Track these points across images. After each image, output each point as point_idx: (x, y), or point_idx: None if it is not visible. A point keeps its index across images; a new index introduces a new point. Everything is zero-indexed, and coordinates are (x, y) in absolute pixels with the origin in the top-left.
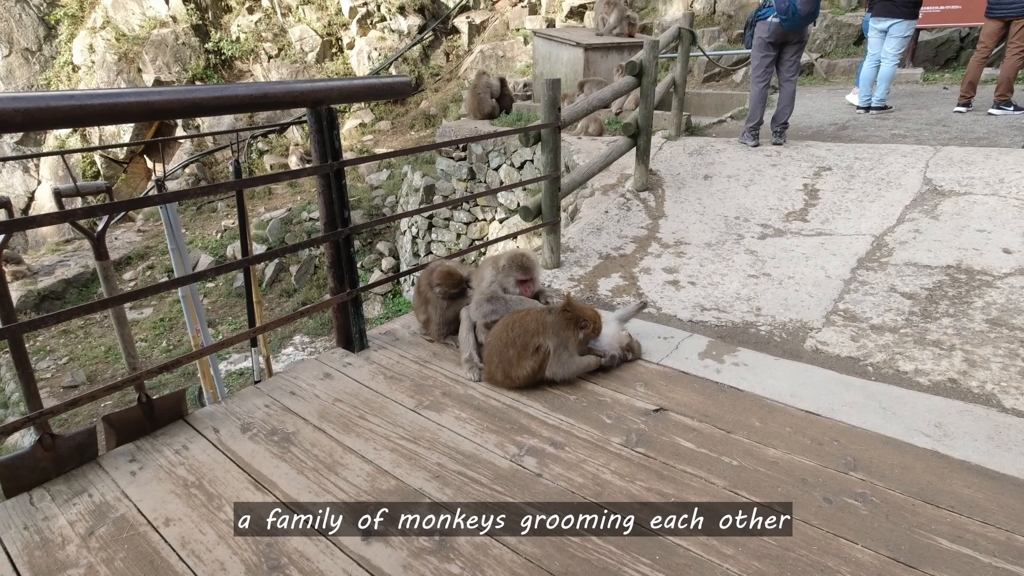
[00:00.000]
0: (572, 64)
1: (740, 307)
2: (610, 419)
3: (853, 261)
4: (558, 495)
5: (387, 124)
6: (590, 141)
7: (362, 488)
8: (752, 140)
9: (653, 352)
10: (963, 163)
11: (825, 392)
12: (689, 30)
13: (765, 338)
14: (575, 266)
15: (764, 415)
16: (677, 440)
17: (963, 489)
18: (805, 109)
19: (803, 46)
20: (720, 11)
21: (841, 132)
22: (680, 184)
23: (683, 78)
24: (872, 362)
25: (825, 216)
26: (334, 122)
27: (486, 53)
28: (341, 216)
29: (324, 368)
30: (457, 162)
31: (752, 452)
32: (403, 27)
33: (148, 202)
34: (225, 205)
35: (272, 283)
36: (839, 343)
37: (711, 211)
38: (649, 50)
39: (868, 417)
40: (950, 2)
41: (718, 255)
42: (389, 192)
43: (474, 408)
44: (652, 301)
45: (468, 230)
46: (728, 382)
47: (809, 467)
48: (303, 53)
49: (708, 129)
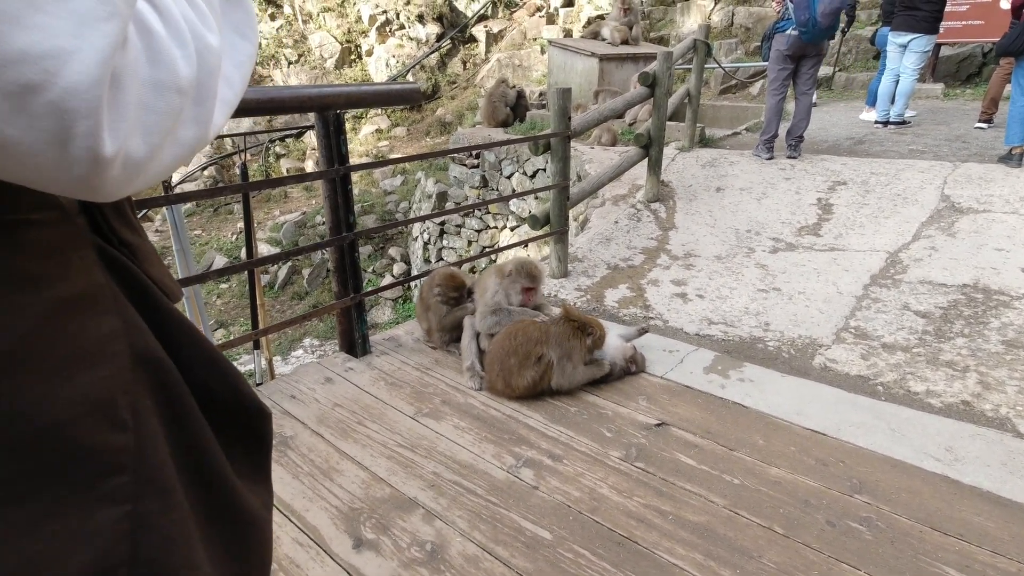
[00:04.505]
0: (587, 74)
1: (748, 322)
2: (610, 432)
3: (866, 277)
4: (553, 509)
5: (403, 130)
6: (603, 151)
7: (356, 495)
8: (766, 153)
9: (657, 365)
10: (982, 180)
11: (832, 411)
12: (704, 42)
13: (773, 354)
14: (582, 276)
15: (768, 433)
16: (678, 456)
17: (973, 516)
18: (821, 123)
19: (821, 59)
20: (738, 23)
21: (857, 147)
22: (692, 196)
23: (697, 89)
24: (882, 381)
25: (838, 231)
26: (341, 128)
27: (503, 62)
28: (346, 221)
29: (325, 372)
30: (470, 169)
31: (754, 471)
32: (421, 35)
33: (153, 203)
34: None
35: (284, 285)
36: (849, 361)
37: (722, 224)
38: (662, 61)
39: (876, 438)
40: (972, 17)
41: (728, 268)
42: (403, 198)
43: (473, 417)
44: (659, 314)
45: (479, 237)
46: (733, 398)
47: (812, 488)
48: (322, 59)
49: (722, 141)
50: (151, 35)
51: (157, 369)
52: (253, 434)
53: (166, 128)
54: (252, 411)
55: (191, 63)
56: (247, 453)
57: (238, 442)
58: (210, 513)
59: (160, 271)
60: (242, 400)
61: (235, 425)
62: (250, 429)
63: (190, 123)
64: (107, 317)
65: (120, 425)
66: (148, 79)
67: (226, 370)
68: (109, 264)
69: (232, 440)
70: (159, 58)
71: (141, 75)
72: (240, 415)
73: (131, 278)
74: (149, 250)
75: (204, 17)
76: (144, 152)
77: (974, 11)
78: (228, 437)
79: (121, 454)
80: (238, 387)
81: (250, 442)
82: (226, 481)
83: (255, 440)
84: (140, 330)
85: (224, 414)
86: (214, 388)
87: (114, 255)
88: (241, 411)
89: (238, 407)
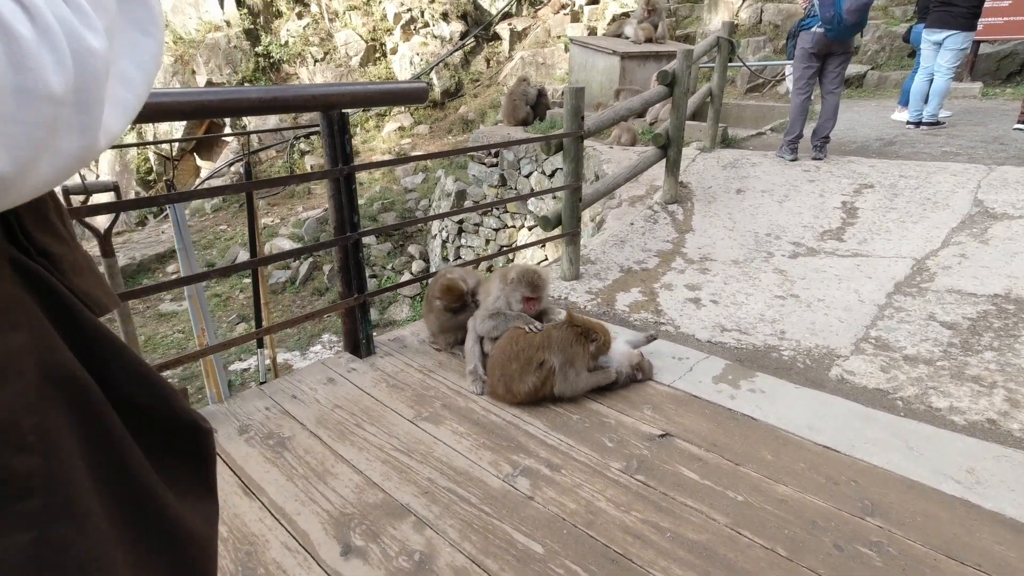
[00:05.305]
0: (608, 72)
1: (763, 329)
2: (612, 442)
3: (890, 285)
4: (547, 521)
5: (425, 128)
6: (622, 151)
7: (348, 500)
8: (790, 154)
9: (665, 373)
10: (1019, 184)
11: (846, 426)
12: (727, 39)
13: (787, 364)
14: (594, 279)
15: (777, 447)
16: (680, 469)
17: (994, 545)
18: (850, 123)
19: (848, 58)
20: (767, 20)
21: (887, 148)
22: (711, 198)
23: (720, 88)
24: (902, 396)
25: (863, 236)
26: (345, 127)
27: (526, 60)
28: (351, 220)
29: (328, 373)
30: (489, 168)
31: (760, 488)
32: (445, 33)
33: (154, 202)
34: (266, 203)
35: (305, 281)
36: (867, 373)
37: (741, 227)
38: (682, 60)
39: (892, 457)
40: (1015, 13)
41: (744, 273)
42: (423, 195)
43: (473, 422)
44: (670, 319)
45: (497, 236)
46: (742, 409)
47: (821, 508)
48: (347, 57)
49: (745, 141)
50: (14, 39)
51: (72, 387)
52: (191, 450)
53: (38, 139)
54: (188, 427)
55: (66, 68)
56: (188, 470)
57: (175, 459)
58: (140, 535)
59: (88, 282)
60: (176, 416)
61: (170, 442)
62: (187, 445)
63: (72, 132)
64: (15, 332)
65: (26, 448)
66: (11, 87)
67: (157, 386)
68: (24, 276)
69: (167, 457)
70: (24, 64)
71: (2, 83)
72: (175, 431)
73: (49, 291)
74: (77, 260)
75: (85, 17)
76: (9, 167)
77: (1017, 6)
78: (162, 454)
79: (29, 478)
80: (171, 403)
81: (189, 458)
82: (158, 500)
83: (194, 456)
84: (53, 346)
85: (156, 431)
86: (143, 404)
87: (29, 266)
88: (176, 427)
89: (172, 423)
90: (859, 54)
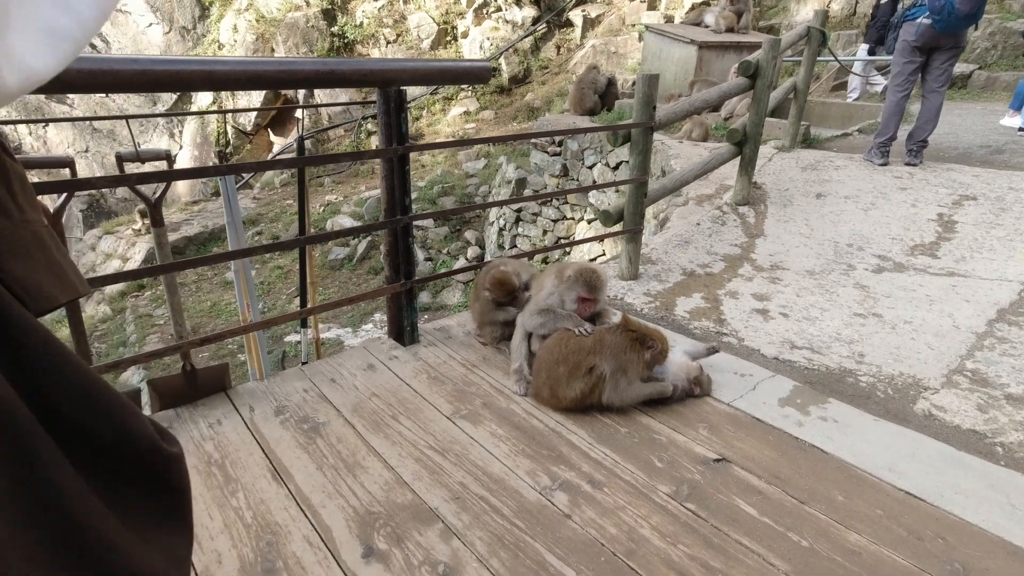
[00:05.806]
0: (683, 62)
1: (839, 350)
2: (661, 462)
3: (992, 311)
4: (584, 545)
5: (490, 114)
6: (692, 146)
7: (376, 497)
8: (880, 158)
9: (725, 390)
10: None
11: (934, 471)
12: (819, 29)
13: (865, 391)
14: (654, 280)
15: (850, 488)
16: (736, 501)
17: None
18: (951, 127)
19: (958, 54)
20: (861, 12)
21: (994, 156)
22: (786, 201)
23: (806, 83)
24: (1003, 442)
25: (961, 254)
26: (403, 105)
27: (597, 48)
28: (402, 203)
29: (369, 358)
30: (551, 157)
31: (828, 534)
32: (517, 18)
33: (203, 172)
34: (332, 181)
35: (363, 259)
36: (961, 411)
37: (819, 234)
38: (768, 50)
39: (989, 513)
40: None
41: (820, 286)
42: (483, 181)
43: (513, 425)
44: (734, 330)
45: (555, 227)
46: (810, 439)
47: (901, 566)
48: (419, 39)
49: (829, 142)
50: None
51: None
52: (152, 477)
53: None
54: (147, 451)
55: None
56: (148, 500)
57: (130, 487)
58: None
59: (29, 266)
60: (126, 439)
61: (120, 468)
62: (144, 472)
63: None
64: None
65: None
66: None
67: (106, 402)
68: None
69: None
70: None
71: None
72: (125, 457)
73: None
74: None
75: None
76: None
77: None
78: (114, 482)
79: None
80: (123, 423)
81: (149, 487)
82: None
83: (155, 484)
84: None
85: (104, 454)
86: (87, 424)
87: None
88: (126, 452)
89: (122, 448)
90: (966, 51)
